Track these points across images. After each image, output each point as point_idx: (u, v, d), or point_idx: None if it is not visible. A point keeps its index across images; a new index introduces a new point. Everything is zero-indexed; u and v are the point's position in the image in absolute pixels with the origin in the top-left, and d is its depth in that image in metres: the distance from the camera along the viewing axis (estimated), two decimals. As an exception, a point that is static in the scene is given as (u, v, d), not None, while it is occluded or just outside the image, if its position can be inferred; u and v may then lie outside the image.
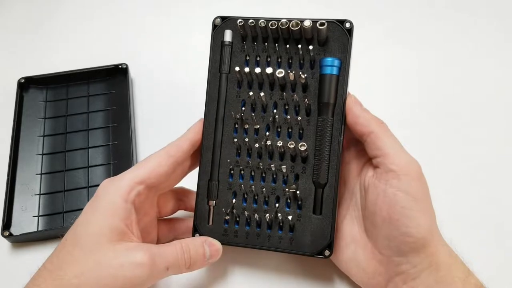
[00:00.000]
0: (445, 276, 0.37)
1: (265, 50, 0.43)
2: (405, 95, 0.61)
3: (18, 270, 0.36)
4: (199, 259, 0.40)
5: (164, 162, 0.41)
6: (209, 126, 0.43)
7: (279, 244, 0.42)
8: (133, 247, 0.37)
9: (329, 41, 0.42)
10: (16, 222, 0.50)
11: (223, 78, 0.44)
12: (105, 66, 0.60)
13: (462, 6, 0.69)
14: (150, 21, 0.68)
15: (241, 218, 0.43)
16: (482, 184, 0.53)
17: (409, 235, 0.37)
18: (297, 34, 0.42)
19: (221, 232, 0.43)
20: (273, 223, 0.42)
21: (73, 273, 0.35)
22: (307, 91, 0.42)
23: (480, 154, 0.55)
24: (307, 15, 0.42)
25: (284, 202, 0.42)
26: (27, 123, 0.57)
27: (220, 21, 0.44)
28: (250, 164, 0.43)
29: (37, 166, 0.54)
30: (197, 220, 0.43)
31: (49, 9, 0.70)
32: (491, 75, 0.62)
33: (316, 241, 0.41)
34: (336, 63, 0.41)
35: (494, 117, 0.58)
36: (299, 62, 0.43)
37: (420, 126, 0.58)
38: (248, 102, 0.43)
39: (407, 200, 0.38)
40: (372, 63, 0.62)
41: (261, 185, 0.43)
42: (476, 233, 0.49)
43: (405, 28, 0.67)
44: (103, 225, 0.37)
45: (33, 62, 0.64)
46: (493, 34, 0.66)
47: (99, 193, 0.39)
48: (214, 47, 0.44)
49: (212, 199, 0.43)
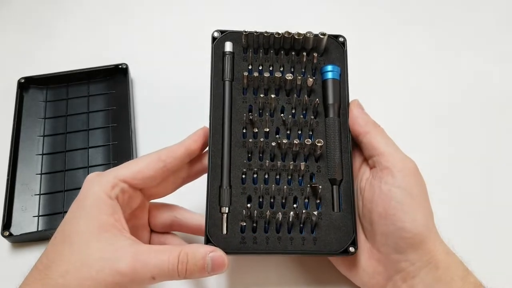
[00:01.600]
0: (444, 274, 0.37)
1: (268, 59, 0.45)
2: (405, 94, 0.61)
3: (18, 270, 0.36)
4: (197, 271, 0.36)
5: (152, 165, 0.40)
6: (216, 132, 0.42)
7: (303, 246, 0.40)
8: (121, 248, 0.35)
9: (327, 51, 0.46)
10: (16, 222, 0.50)
11: (227, 85, 0.44)
12: (105, 66, 0.60)
13: (464, 5, 0.69)
14: (150, 21, 0.68)
15: (259, 223, 0.40)
16: (482, 184, 0.53)
17: (406, 230, 0.38)
18: (298, 44, 0.45)
19: (238, 240, 0.40)
20: (294, 224, 0.40)
21: (59, 272, 0.34)
22: (312, 95, 0.45)
23: (480, 154, 0.55)
24: (300, 28, 0.45)
25: (302, 202, 0.42)
26: (27, 123, 0.57)
27: (219, 34, 0.45)
28: (264, 167, 0.42)
29: (37, 166, 0.54)
30: (209, 230, 0.40)
31: (49, 9, 0.70)
32: (492, 74, 0.62)
33: (340, 238, 0.40)
34: (336, 69, 0.45)
35: (494, 117, 0.58)
36: (301, 70, 0.45)
37: (420, 126, 0.58)
38: (255, 107, 0.44)
39: (402, 195, 0.38)
40: (370, 64, 0.63)
41: (277, 187, 0.42)
42: (476, 233, 0.50)
43: (404, 27, 0.67)
44: (91, 221, 0.36)
45: (33, 62, 0.64)
46: (494, 34, 0.66)
47: (84, 189, 0.38)
48: (215, 57, 0.45)
49: (225, 205, 0.41)
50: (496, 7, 0.69)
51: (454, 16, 0.68)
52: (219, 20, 0.67)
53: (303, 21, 0.66)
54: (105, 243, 0.35)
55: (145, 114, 0.60)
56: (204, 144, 0.43)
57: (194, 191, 0.46)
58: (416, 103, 0.60)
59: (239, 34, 0.45)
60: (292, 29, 0.45)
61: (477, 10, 0.69)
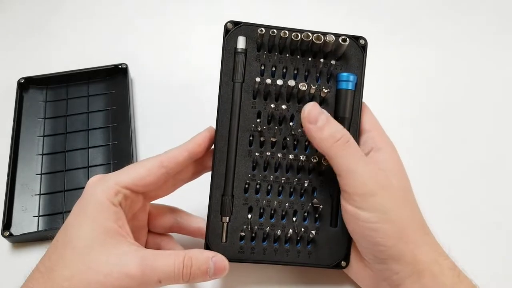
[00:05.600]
0: (431, 282, 0.37)
1: (282, 61, 0.42)
2: (404, 95, 0.61)
3: (18, 270, 0.36)
4: (200, 275, 0.37)
5: (154, 171, 0.39)
6: (222, 137, 0.41)
7: (298, 258, 0.41)
8: (128, 253, 0.36)
9: (345, 56, 0.42)
10: (16, 222, 0.50)
11: (237, 87, 0.41)
12: (105, 66, 0.60)
13: (465, 5, 0.69)
14: (150, 21, 0.68)
15: (258, 234, 0.41)
16: (483, 184, 0.53)
17: (379, 245, 0.38)
18: (316, 47, 0.42)
19: (236, 249, 0.41)
20: (291, 238, 0.41)
21: (64, 276, 0.34)
22: (324, 104, 0.42)
23: (480, 154, 0.55)
24: (311, 23, 0.42)
25: (302, 216, 0.42)
26: (27, 123, 0.57)
27: (232, 26, 0.42)
28: (267, 179, 0.42)
29: (37, 166, 0.54)
30: (209, 237, 0.41)
31: (49, 9, 0.70)
32: (492, 74, 0.62)
33: (333, 253, 0.42)
34: (352, 78, 0.42)
35: (494, 117, 0.58)
36: (316, 75, 0.42)
37: (419, 126, 0.58)
38: (264, 114, 0.42)
39: (368, 215, 0.37)
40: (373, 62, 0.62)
41: (278, 199, 0.42)
42: (476, 233, 0.49)
43: (405, 27, 0.67)
44: (96, 227, 0.36)
45: (33, 62, 0.64)
46: (499, 34, 0.66)
47: (86, 194, 0.38)
48: (226, 54, 0.42)
49: (226, 215, 0.41)
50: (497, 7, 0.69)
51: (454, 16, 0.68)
52: (219, 19, 0.66)
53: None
54: (111, 249, 0.36)
55: (145, 113, 0.60)
56: (209, 146, 0.42)
57: (192, 193, 0.45)
58: (417, 100, 0.60)
59: (254, 28, 0.41)
60: (309, 21, 0.41)
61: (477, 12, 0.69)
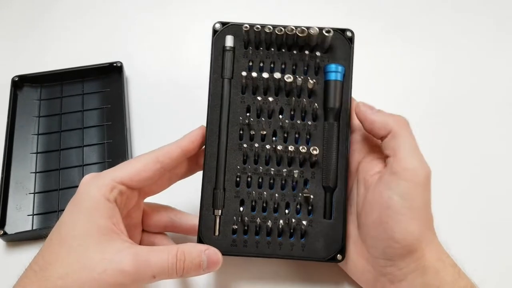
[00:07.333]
0: (433, 279, 0.37)
1: (269, 56, 0.43)
2: (404, 95, 0.61)
3: (13, 269, 0.36)
4: (193, 268, 0.37)
5: (150, 167, 0.40)
6: (213, 132, 0.42)
7: (291, 251, 0.41)
8: (122, 250, 0.36)
9: (332, 48, 0.43)
10: (10, 221, 0.50)
11: (226, 83, 0.43)
12: (100, 64, 0.60)
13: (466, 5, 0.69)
14: (145, 19, 0.68)
15: (250, 227, 0.41)
16: (482, 184, 0.53)
17: (395, 240, 0.37)
18: (302, 41, 0.42)
19: (229, 242, 0.41)
20: (284, 230, 0.41)
21: (58, 274, 0.34)
22: (312, 96, 0.43)
23: (480, 154, 0.55)
24: (301, 20, 0.42)
25: (294, 208, 0.42)
26: (21, 122, 0.57)
27: (220, 26, 0.43)
28: (258, 171, 0.42)
29: (31, 165, 0.54)
30: (202, 231, 0.41)
31: (43, 7, 0.69)
32: (492, 74, 0.62)
33: (328, 246, 0.41)
34: (340, 69, 0.42)
35: (495, 117, 0.59)
36: (304, 68, 0.43)
37: (419, 126, 0.58)
38: (253, 108, 0.43)
39: (400, 205, 0.37)
40: (373, 62, 0.62)
41: (270, 192, 0.42)
42: (475, 233, 0.50)
43: (406, 26, 0.67)
44: (90, 225, 0.36)
45: (27, 61, 0.64)
46: (499, 34, 0.66)
47: (81, 191, 0.38)
48: (215, 52, 0.43)
49: (218, 208, 0.41)
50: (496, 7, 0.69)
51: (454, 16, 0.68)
52: (215, 17, 0.66)
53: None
54: (105, 246, 0.36)
55: (140, 112, 0.59)
56: (202, 144, 0.43)
57: (186, 190, 0.46)
58: (417, 100, 0.60)
59: (241, 27, 0.43)
60: (295, 16, 0.42)
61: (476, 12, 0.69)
